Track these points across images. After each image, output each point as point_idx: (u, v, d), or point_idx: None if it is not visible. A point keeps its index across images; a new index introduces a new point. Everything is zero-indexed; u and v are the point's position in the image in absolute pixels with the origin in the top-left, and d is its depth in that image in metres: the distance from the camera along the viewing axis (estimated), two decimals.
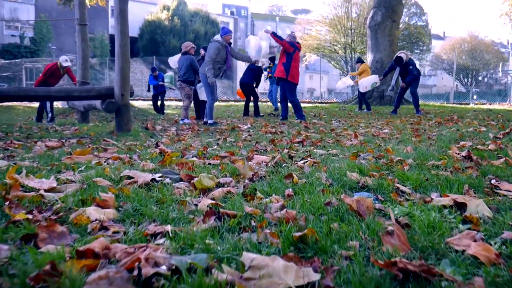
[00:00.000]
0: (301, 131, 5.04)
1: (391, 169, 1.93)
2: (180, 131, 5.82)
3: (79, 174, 1.84)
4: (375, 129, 5.36)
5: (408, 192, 1.44)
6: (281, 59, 7.75)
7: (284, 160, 2.32)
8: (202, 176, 1.48)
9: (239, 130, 5.59)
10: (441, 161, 2.09)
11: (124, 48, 5.12)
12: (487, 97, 38.90)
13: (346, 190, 1.50)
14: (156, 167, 2.02)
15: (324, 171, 1.77)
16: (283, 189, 1.49)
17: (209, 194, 1.43)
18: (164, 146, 3.77)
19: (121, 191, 1.37)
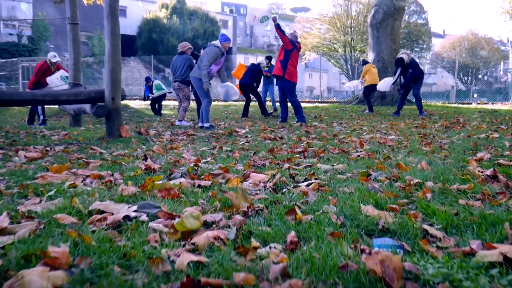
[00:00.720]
0: (301, 137, 4.76)
1: (411, 197, 1.65)
2: (174, 135, 5.54)
3: (45, 202, 1.57)
4: (380, 134, 5.08)
5: (439, 237, 1.17)
6: (279, 56, 7.48)
7: (285, 182, 2.04)
8: (185, 216, 1.20)
9: (237, 135, 5.31)
10: (467, 184, 1.81)
11: (115, 49, 4.83)
12: (487, 95, 38.66)
13: (363, 233, 1.22)
14: (137, 193, 1.74)
15: (334, 203, 1.49)
16: (285, 232, 1.21)
17: (193, 237, 1.15)
18: (155, 155, 3.49)
19: (81, 238, 1.10)
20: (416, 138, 4.37)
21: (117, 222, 1.30)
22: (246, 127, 6.57)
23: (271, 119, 8.98)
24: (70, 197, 1.59)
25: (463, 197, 1.63)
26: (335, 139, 4.54)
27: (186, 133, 5.64)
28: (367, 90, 10.63)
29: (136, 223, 1.30)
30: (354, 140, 4.22)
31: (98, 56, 39.11)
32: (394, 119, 8.48)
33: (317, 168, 2.46)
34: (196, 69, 6.56)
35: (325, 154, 3.19)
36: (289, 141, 4.56)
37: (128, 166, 2.76)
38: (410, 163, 2.64)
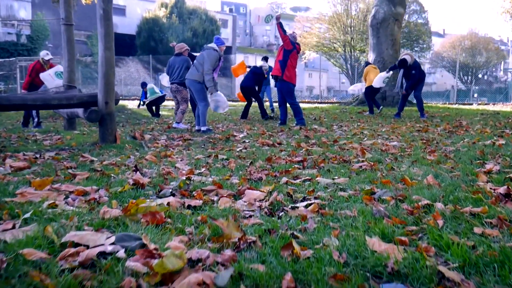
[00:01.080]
0: (301, 143, 4.60)
1: (420, 224, 1.50)
2: (170, 140, 5.38)
3: (18, 229, 1.42)
4: (382, 139, 4.93)
5: (457, 281, 1.02)
6: (278, 56, 7.33)
7: (282, 202, 1.89)
8: (166, 255, 1.05)
9: (234, 140, 5.16)
10: (480, 207, 1.66)
11: (108, 52, 4.68)
12: (487, 95, 38.53)
13: (369, 276, 1.07)
14: (119, 216, 1.59)
15: (335, 235, 1.33)
16: (280, 273, 1.06)
17: (175, 280, 1.00)
18: (147, 164, 3.34)
19: (43, 285, 0.95)
20: (419, 144, 4.22)
21: (90, 259, 1.15)
22: (244, 131, 6.42)
23: (270, 121, 8.83)
24: (45, 223, 1.43)
25: (478, 223, 1.48)
26: (335, 145, 4.39)
27: (183, 138, 5.48)
28: (368, 91, 10.47)
29: (112, 261, 1.15)
30: (355, 146, 4.06)
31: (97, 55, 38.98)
32: (395, 121, 8.33)
33: (317, 182, 2.31)
34: (194, 71, 6.40)
35: (325, 164, 3.04)
36: (288, 147, 4.41)
37: (116, 179, 2.61)
38: (415, 176, 2.49)
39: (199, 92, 6.33)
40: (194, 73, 6.38)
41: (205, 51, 6.44)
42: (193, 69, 6.48)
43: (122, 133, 6.11)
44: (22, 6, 36.77)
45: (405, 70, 8.73)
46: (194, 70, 6.41)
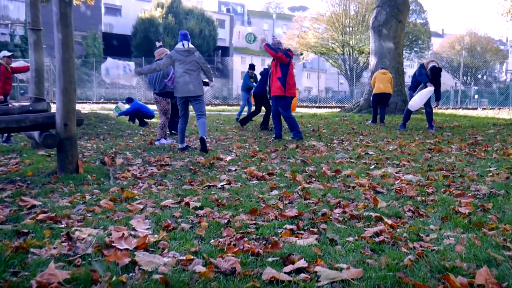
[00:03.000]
0: (297, 174, 3.86)
1: None
2: (145, 165, 4.63)
3: None
4: (392, 167, 4.19)
5: None
6: (275, 74, 6.62)
7: None
8: None
9: (218, 167, 4.40)
10: None
11: (67, 64, 3.92)
12: (487, 96, 37.96)
13: None
14: None
15: None
16: None
17: None
18: (93, 219, 2.59)
19: None
20: (440, 178, 3.48)
21: None
22: (233, 151, 5.67)
23: (264, 134, 8.07)
24: None
25: None
26: (338, 179, 3.65)
27: (160, 162, 4.73)
28: (374, 98, 9.69)
29: None
30: (363, 183, 3.32)
31: (92, 56, 38.24)
32: (401, 134, 7.60)
33: (316, 276, 1.57)
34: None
35: (327, 223, 2.30)
36: (281, 180, 3.66)
37: (39, 256, 1.87)
38: (454, 256, 1.75)
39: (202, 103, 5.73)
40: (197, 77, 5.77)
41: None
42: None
43: (93, 155, 5.36)
44: (16, 6, 36.03)
45: (435, 78, 7.92)
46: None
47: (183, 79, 5.51)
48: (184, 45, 5.57)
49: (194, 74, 5.51)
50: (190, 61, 5.50)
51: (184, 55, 5.53)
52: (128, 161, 4.85)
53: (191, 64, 5.50)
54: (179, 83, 5.58)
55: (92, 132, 8.53)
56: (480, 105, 35.74)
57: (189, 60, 5.51)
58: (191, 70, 5.51)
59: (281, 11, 72.85)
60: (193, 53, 5.57)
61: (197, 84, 5.55)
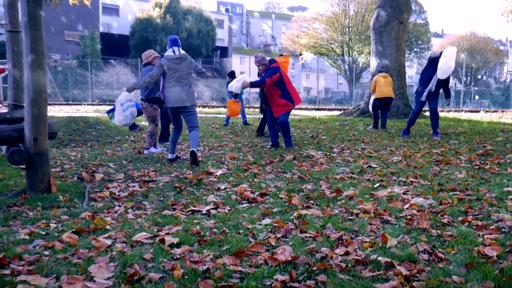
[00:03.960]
0: (292, 196, 3.45)
1: None
2: (127, 181, 4.22)
3: None
4: (398, 185, 3.79)
5: None
6: (274, 92, 6.28)
7: None
8: None
9: (207, 184, 4.00)
10: None
11: (36, 72, 3.52)
12: (487, 96, 37.62)
13: None
14: None
15: None
16: None
17: None
18: (49, 261, 2.18)
19: None
20: (455, 202, 3.07)
21: None
22: (225, 162, 5.26)
23: (260, 140, 7.66)
24: None
25: None
26: (338, 202, 3.24)
27: (144, 178, 4.32)
28: (377, 103, 9.27)
29: None
30: (368, 209, 2.91)
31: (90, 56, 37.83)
32: (405, 141, 7.19)
33: None
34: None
35: (327, 274, 1.89)
36: (274, 203, 3.25)
37: None
38: None
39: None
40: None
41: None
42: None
43: (73, 167, 4.94)
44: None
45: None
46: None
47: (175, 89, 5.06)
48: (175, 51, 5.14)
49: (186, 82, 5.10)
50: (183, 69, 5.09)
51: (176, 63, 5.10)
52: (109, 176, 4.44)
53: (183, 72, 5.08)
54: (171, 93, 5.12)
55: (80, 138, 8.13)
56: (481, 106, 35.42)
57: (181, 68, 5.09)
58: (183, 78, 5.09)
59: (280, 11, 72.51)
60: (185, 60, 5.14)
61: (190, 93, 5.12)
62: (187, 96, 5.07)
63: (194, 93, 5.26)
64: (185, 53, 5.19)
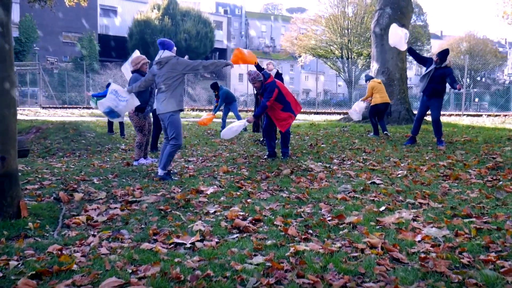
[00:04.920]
0: (290, 221, 3.09)
1: None
2: (109, 202, 3.86)
3: None
4: (406, 206, 3.43)
5: None
6: (277, 107, 6.01)
7: None
8: None
9: (195, 206, 3.63)
10: None
11: (2, 84, 3.14)
12: (486, 98, 37.38)
13: None
14: None
15: None
16: None
17: None
18: None
19: None
20: (473, 233, 2.71)
21: None
22: (218, 178, 4.90)
23: (257, 150, 7.31)
24: None
25: None
26: (341, 231, 2.88)
27: (127, 198, 3.95)
28: (375, 110, 8.97)
29: None
30: (374, 243, 2.55)
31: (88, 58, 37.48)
32: (408, 150, 6.84)
33: None
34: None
35: None
36: (269, 233, 2.89)
37: None
38: None
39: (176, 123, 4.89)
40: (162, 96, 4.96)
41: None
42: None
43: (53, 184, 4.57)
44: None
45: (438, 69, 7.11)
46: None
47: (157, 96, 4.84)
48: (159, 55, 4.79)
49: (165, 88, 4.75)
50: (163, 74, 4.74)
51: (158, 68, 4.77)
52: (89, 195, 4.07)
53: (163, 77, 4.74)
54: (155, 100, 4.91)
55: (68, 147, 7.76)
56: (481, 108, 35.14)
57: (161, 73, 4.75)
58: (163, 84, 4.76)
59: (279, 13, 72.23)
60: (165, 64, 4.75)
61: (166, 100, 4.74)
62: (163, 103, 4.76)
63: (174, 99, 4.75)
64: (167, 57, 4.74)
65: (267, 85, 5.89)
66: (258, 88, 5.98)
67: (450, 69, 7.15)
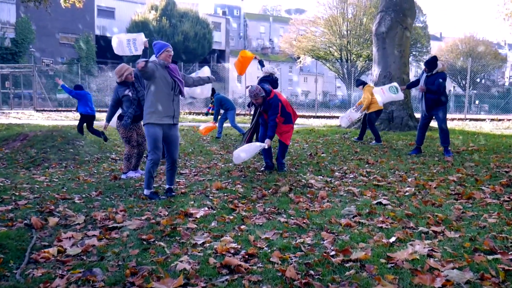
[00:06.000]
0: (288, 257, 2.71)
1: None
2: (88, 226, 3.47)
3: None
4: (419, 236, 3.04)
5: None
6: (279, 121, 5.75)
7: None
8: None
9: (183, 234, 3.24)
10: None
11: None
12: (486, 100, 37.12)
13: None
14: None
15: None
16: None
17: None
18: None
19: None
20: (501, 277, 2.33)
21: None
22: (210, 196, 4.51)
23: (253, 160, 6.92)
24: None
25: None
26: (347, 271, 2.49)
27: (107, 223, 3.56)
28: (372, 118, 8.67)
29: None
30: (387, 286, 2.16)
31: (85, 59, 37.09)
32: (414, 162, 6.46)
33: None
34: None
35: None
36: (263, 274, 2.50)
37: None
38: None
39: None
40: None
41: None
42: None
43: (29, 204, 4.17)
44: (6, 8, 34.90)
45: (430, 77, 6.72)
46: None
47: None
48: None
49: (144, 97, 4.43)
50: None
51: None
52: (66, 219, 3.67)
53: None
54: None
55: (55, 157, 7.36)
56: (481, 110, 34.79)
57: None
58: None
59: (278, 14, 71.89)
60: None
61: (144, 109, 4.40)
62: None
63: (147, 109, 4.32)
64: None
65: (271, 101, 5.56)
66: (260, 104, 5.61)
67: (443, 74, 6.73)
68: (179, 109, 4.45)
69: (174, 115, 4.32)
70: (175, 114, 4.33)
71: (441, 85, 6.60)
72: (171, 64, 4.29)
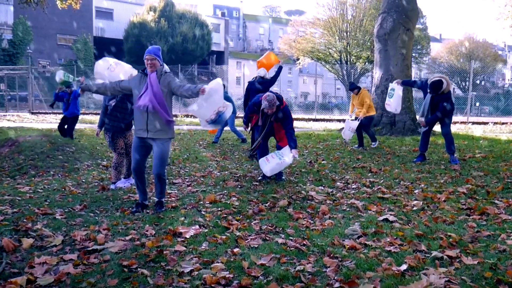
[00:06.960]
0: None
1: None
2: (65, 248, 3.13)
3: None
4: (432, 262, 2.72)
5: None
6: (278, 126, 5.50)
7: None
8: None
9: (168, 262, 2.90)
10: None
11: None
12: (487, 102, 36.86)
13: None
14: None
15: None
16: None
17: None
18: None
19: None
20: None
21: None
22: (202, 210, 4.18)
23: (251, 167, 6.59)
24: None
25: None
26: None
27: (87, 245, 3.22)
28: (366, 122, 8.48)
29: None
30: None
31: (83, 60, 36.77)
32: (419, 171, 6.14)
33: None
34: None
35: None
36: None
37: None
38: None
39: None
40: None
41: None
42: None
43: (5, 221, 3.84)
44: (4, 9, 34.62)
45: (435, 97, 6.45)
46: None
47: None
48: None
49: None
50: None
51: None
52: (42, 240, 3.34)
53: None
54: None
55: (42, 164, 7.01)
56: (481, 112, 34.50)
57: None
58: None
59: (277, 15, 71.67)
60: None
61: None
62: None
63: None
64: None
65: (285, 109, 5.24)
66: (273, 112, 5.24)
67: (448, 95, 6.50)
68: (161, 123, 3.95)
69: (147, 129, 3.97)
70: (149, 127, 3.96)
71: (445, 109, 6.39)
72: (151, 74, 3.93)
